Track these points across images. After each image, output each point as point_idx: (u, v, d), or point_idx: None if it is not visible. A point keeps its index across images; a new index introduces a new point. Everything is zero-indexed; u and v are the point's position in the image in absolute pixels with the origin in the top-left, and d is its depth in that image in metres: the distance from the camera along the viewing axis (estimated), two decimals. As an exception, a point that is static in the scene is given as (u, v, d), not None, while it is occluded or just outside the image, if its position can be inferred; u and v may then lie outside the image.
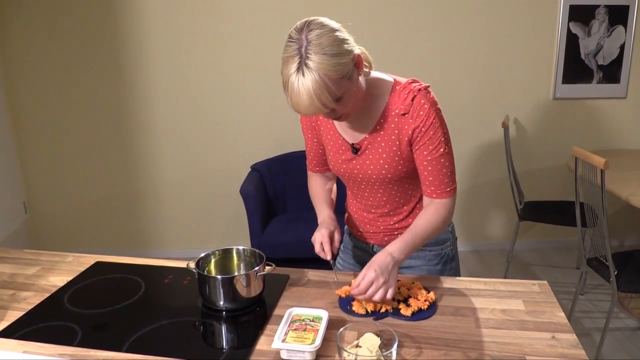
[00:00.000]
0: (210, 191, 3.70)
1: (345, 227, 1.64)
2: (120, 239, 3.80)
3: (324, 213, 1.48)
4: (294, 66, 1.14)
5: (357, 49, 1.21)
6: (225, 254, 1.39)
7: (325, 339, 1.11)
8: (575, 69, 3.51)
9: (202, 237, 3.78)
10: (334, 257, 1.38)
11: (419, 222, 1.35)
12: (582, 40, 3.47)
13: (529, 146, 3.65)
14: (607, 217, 2.34)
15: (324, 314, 1.17)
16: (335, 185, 1.62)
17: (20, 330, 1.19)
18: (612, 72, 3.53)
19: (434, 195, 1.36)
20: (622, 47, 3.49)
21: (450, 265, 1.52)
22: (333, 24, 1.19)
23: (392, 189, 1.41)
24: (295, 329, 1.12)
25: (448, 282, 1.41)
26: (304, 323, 1.14)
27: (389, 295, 1.22)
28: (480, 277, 1.43)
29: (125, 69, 3.46)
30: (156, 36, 3.41)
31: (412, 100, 1.28)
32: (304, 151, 3.67)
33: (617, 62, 3.51)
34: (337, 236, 1.38)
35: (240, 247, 1.39)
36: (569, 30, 3.45)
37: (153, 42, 3.42)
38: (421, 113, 1.28)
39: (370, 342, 1.08)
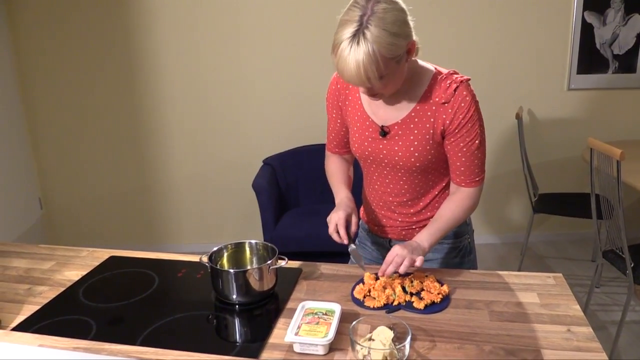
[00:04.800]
0: (223, 185, 3.71)
1: (361, 221, 1.63)
2: (135, 233, 3.83)
3: (341, 194, 1.45)
4: (349, 31, 1.12)
5: (414, 37, 1.21)
6: (238, 248, 1.40)
7: (338, 332, 1.11)
8: (590, 59, 3.46)
9: (214, 232, 3.80)
10: (351, 240, 1.35)
11: (444, 212, 1.36)
12: (597, 29, 3.41)
13: (543, 138, 3.61)
14: (623, 208, 2.31)
15: (336, 308, 1.17)
16: (352, 170, 1.60)
17: (36, 324, 1.21)
18: (628, 62, 3.46)
19: (463, 184, 1.37)
20: (638, 36, 3.42)
21: (468, 258, 1.51)
22: (402, 4, 1.19)
23: (416, 178, 1.40)
24: (308, 322, 1.12)
25: (462, 275, 1.39)
26: (316, 316, 1.14)
27: (418, 263, 1.23)
28: (494, 270, 1.41)
29: (139, 65, 3.48)
30: (169, 31, 3.41)
31: (455, 90, 1.28)
32: (316, 145, 3.68)
33: (633, 52, 3.45)
34: (354, 219, 1.36)
35: (253, 241, 1.39)
36: (583, 20, 3.39)
37: (166, 37, 3.42)
38: (462, 105, 1.28)
39: (383, 335, 1.08)
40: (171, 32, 3.42)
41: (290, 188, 3.43)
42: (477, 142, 1.32)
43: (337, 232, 1.33)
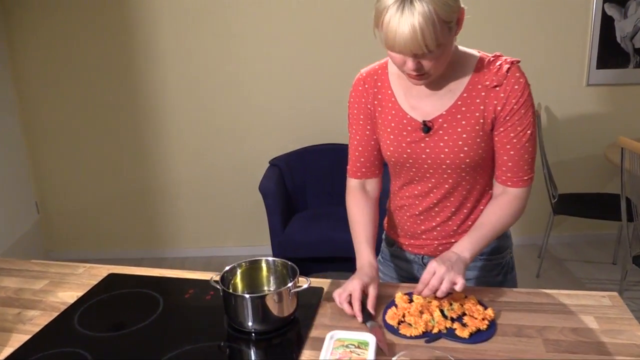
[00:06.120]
0: (227, 188, 3.55)
1: (385, 234, 1.48)
2: (135, 238, 3.68)
3: (363, 257, 1.25)
4: None
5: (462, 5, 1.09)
6: (253, 266, 1.24)
7: (374, 369, 0.96)
8: (611, 53, 3.30)
9: (219, 236, 3.64)
10: (367, 317, 1.13)
11: (487, 217, 1.20)
12: (618, 22, 3.25)
13: (562, 135, 3.45)
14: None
15: (370, 339, 1.02)
16: (378, 211, 1.38)
17: (26, 358, 1.05)
18: (650, 56, 3.31)
19: (509, 183, 1.21)
20: (661, 29, 3.27)
21: (510, 275, 1.36)
22: None
23: (464, 179, 1.24)
24: (339, 358, 0.97)
25: (504, 295, 1.24)
26: (348, 350, 0.99)
27: (458, 287, 1.08)
28: (539, 289, 1.26)
29: (137, 65, 3.32)
30: (169, 30, 3.25)
31: (507, 72, 1.14)
32: (323, 144, 3.52)
33: (656, 45, 3.30)
34: (372, 291, 1.15)
35: (270, 259, 1.24)
36: (603, 12, 3.23)
37: (166, 37, 3.26)
38: (516, 87, 1.14)
39: (427, 373, 0.93)
40: (173, 31, 3.26)
41: (298, 190, 3.28)
42: (528, 132, 1.17)
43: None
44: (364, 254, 1.25)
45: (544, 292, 1.24)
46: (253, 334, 1.11)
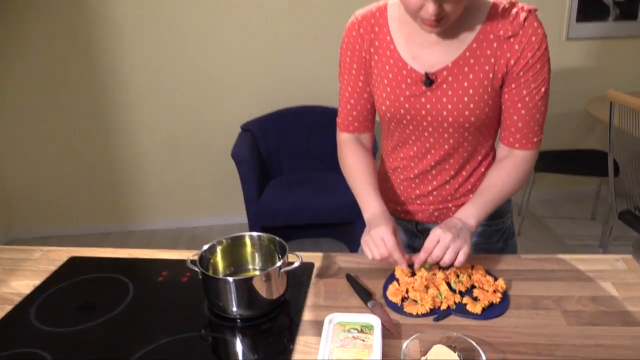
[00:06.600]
0: (197, 156, 3.36)
1: None
2: (100, 212, 3.47)
3: (373, 206, 1.09)
4: None
5: None
6: (236, 242, 1.10)
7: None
8: (590, 4, 3.19)
9: (190, 207, 3.46)
10: (366, 296, 1.01)
11: (493, 181, 1.08)
12: (598, -28, 3.15)
13: (541, 91, 3.36)
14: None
15: (374, 321, 0.90)
16: (374, 160, 1.25)
17: (-28, 362, 0.90)
18: (629, 9, 3.21)
19: (517, 145, 1.09)
20: (641, -21, 3.17)
21: (511, 241, 1.25)
22: None
23: (466, 139, 1.11)
24: (341, 346, 0.85)
25: (512, 263, 1.14)
26: (351, 336, 0.87)
27: (462, 257, 0.96)
28: (551, 254, 1.16)
29: (95, 32, 3.04)
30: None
31: (524, 21, 1.00)
32: (299, 107, 3.34)
33: (636, -3, 3.21)
34: (398, 236, 1.03)
35: (255, 234, 1.09)
36: (583, -39, 3.12)
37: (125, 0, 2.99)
38: (533, 39, 1.00)
39: (443, 357, 0.82)
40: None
41: (272, 155, 3.12)
42: (542, 89, 1.04)
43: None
44: (372, 202, 1.10)
45: (554, 258, 1.14)
46: (238, 320, 0.98)
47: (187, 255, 1.05)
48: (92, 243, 3.34)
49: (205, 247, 1.04)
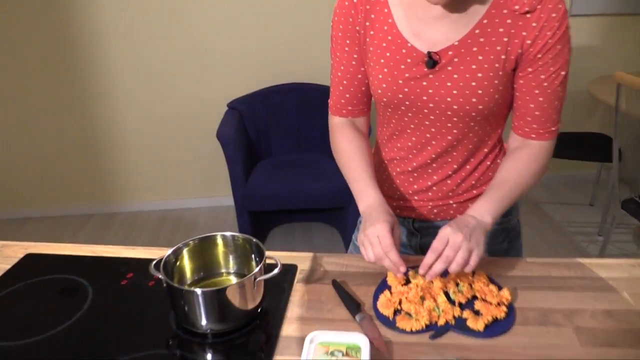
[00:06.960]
0: (182, 135, 3.22)
1: None
2: (83, 193, 3.33)
3: (369, 196, 0.97)
4: None
5: None
6: (206, 242, 0.97)
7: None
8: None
9: (175, 188, 3.33)
10: (355, 307, 0.90)
11: (508, 174, 0.95)
12: (605, -56, 2.99)
13: (542, 71, 3.23)
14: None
15: (362, 341, 0.78)
16: (370, 146, 1.11)
17: None
18: (637, -17, 3.07)
19: (533, 136, 0.97)
20: (651, -48, 3.02)
21: (517, 242, 1.14)
22: None
23: (472, 129, 0.99)
24: (323, 374, 0.73)
25: (516, 267, 1.02)
26: (334, 358, 0.75)
27: (473, 261, 0.84)
28: (560, 258, 1.04)
29: (77, 10, 2.87)
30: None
31: None
32: (288, 84, 3.19)
33: (644, -29, 3.05)
34: (396, 233, 0.91)
35: (228, 234, 0.97)
36: None
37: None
38: (554, 15, 0.86)
39: (440, 389, 0.70)
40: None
41: (261, 136, 2.98)
42: (562, 73, 0.91)
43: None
44: (369, 192, 0.98)
45: (562, 262, 1.03)
46: (209, 335, 0.87)
47: (160, 254, 0.93)
48: (74, 226, 3.22)
49: (169, 251, 0.92)
